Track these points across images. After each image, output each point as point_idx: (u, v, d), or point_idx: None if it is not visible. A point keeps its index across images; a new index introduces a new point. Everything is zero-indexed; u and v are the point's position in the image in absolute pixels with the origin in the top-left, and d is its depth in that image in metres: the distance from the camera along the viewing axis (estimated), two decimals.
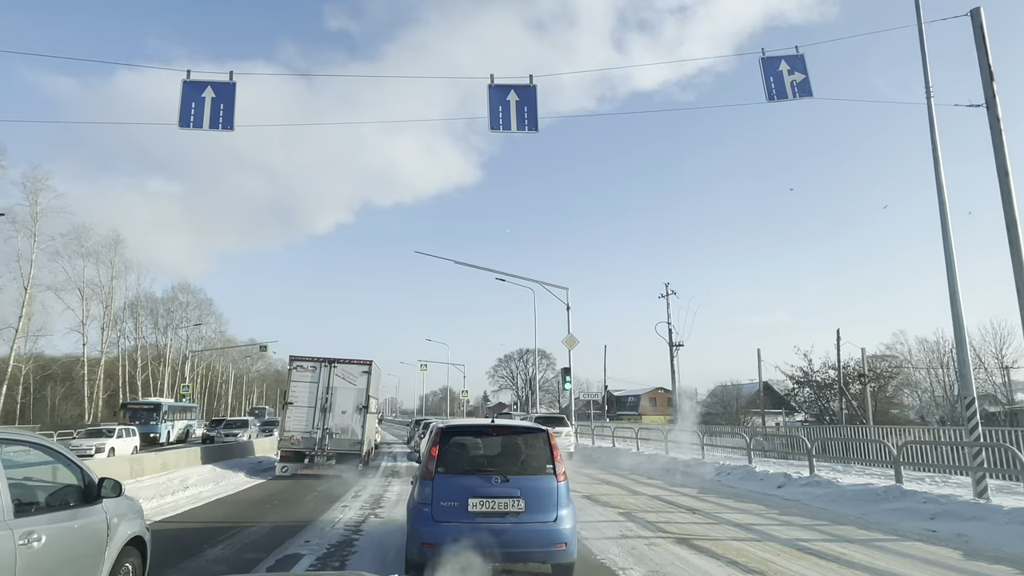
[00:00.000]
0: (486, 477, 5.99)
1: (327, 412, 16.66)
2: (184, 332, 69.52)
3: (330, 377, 16.79)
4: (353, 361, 17.17)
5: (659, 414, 68.42)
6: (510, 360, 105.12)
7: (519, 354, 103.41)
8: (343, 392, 16.81)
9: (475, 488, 5.90)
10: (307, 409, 16.59)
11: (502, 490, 5.92)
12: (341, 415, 16.72)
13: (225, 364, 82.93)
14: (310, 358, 17.07)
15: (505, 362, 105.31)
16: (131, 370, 59.18)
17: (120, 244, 54.31)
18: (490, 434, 6.49)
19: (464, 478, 5.97)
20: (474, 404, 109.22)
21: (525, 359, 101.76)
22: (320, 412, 16.63)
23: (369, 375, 17.14)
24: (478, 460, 6.22)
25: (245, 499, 12.73)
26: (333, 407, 16.71)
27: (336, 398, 16.76)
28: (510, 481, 5.96)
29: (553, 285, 29.83)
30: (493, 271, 32.56)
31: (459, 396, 67.68)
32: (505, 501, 5.88)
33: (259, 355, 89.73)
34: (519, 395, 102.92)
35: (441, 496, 5.89)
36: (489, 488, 5.92)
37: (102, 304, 52.73)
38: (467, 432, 6.64)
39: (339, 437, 16.60)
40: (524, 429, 6.60)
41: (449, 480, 5.96)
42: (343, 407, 16.76)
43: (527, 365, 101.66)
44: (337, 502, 11.92)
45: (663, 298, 44.29)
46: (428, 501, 5.89)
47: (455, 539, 5.61)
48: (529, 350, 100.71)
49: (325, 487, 14.37)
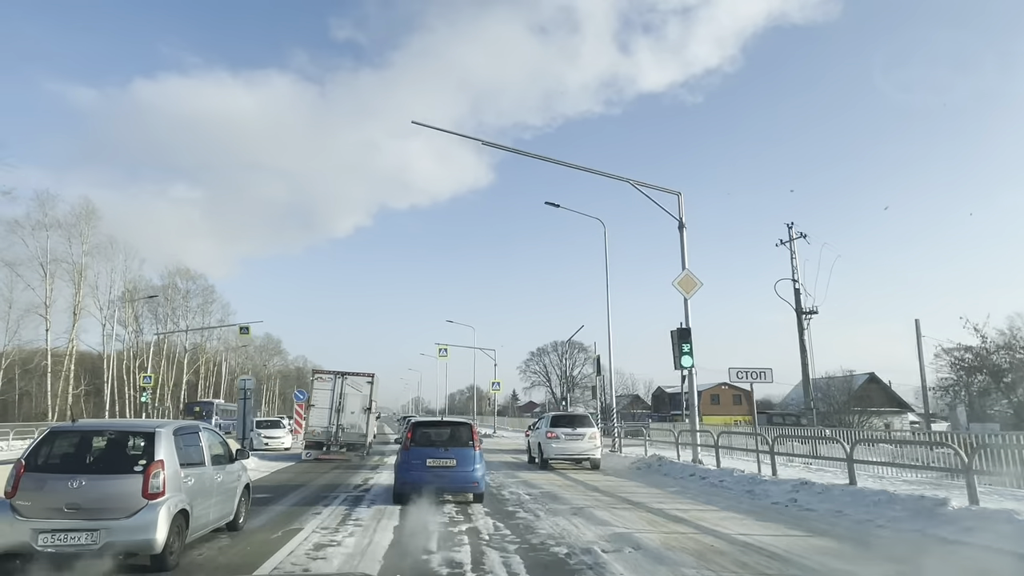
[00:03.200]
0: (436, 448, 11.24)
1: (340, 412, 21.35)
2: (185, 323, 65.27)
3: (342, 386, 21.50)
4: (360, 374, 22.07)
5: (722, 414, 60.82)
6: (543, 354, 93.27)
7: (553, 346, 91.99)
8: (352, 397, 21.53)
9: (430, 453, 11.10)
10: (325, 410, 21.27)
11: (445, 454, 11.13)
12: (351, 415, 21.43)
13: (240, 360, 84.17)
14: (327, 371, 22.31)
15: (538, 356, 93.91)
16: (125, 363, 55.93)
17: (94, 216, 49.57)
18: (439, 425, 12.20)
19: (424, 448, 11.19)
20: (502, 403, 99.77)
21: (560, 351, 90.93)
22: (335, 412, 21.32)
23: (372, 384, 21.99)
24: (432, 438, 11.49)
25: (291, 472, 17.91)
26: (344, 408, 21.38)
27: (347, 402, 21.43)
28: (449, 450, 11.18)
29: (658, 188, 19.42)
30: (549, 160, 21.27)
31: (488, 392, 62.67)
32: (446, 460, 11.04)
33: (276, 351, 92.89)
34: (553, 393, 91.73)
35: (412, 457, 11.08)
36: (438, 453, 11.13)
37: (73, 284, 47.18)
38: (427, 425, 12.20)
39: (349, 431, 21.32)
40: (458, 422, 12.48)
41: (416, 449, 11.17)
42: (352, 408, 21.45)
43: (562, 358, 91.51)
44: (353, 473, 17.44)
45: (784, 245, 32.07)
46: (406, 460, 11.13)
47: (419, 480, 10.84)
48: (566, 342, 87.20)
49: (341, 466, 19.44)
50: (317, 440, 21.15)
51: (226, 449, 8.28)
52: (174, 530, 6.24)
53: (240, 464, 8.67)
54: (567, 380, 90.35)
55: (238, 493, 8.29)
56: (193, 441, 7.24)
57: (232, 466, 8.24)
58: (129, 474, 6.15)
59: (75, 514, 5.83)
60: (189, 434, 7.22)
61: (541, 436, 19.72)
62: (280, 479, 15.94)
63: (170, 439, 6.57)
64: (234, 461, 8.36)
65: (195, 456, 7.15)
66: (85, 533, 5.79)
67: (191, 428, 7.44)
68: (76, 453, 6.38)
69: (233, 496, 8.12)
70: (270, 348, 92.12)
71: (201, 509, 6.96)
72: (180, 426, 7.13)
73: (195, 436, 7.34)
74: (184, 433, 7.06)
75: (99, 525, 5.82)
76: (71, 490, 5.89)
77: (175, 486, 6.40)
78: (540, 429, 20.44)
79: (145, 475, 6.13)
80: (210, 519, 7.33)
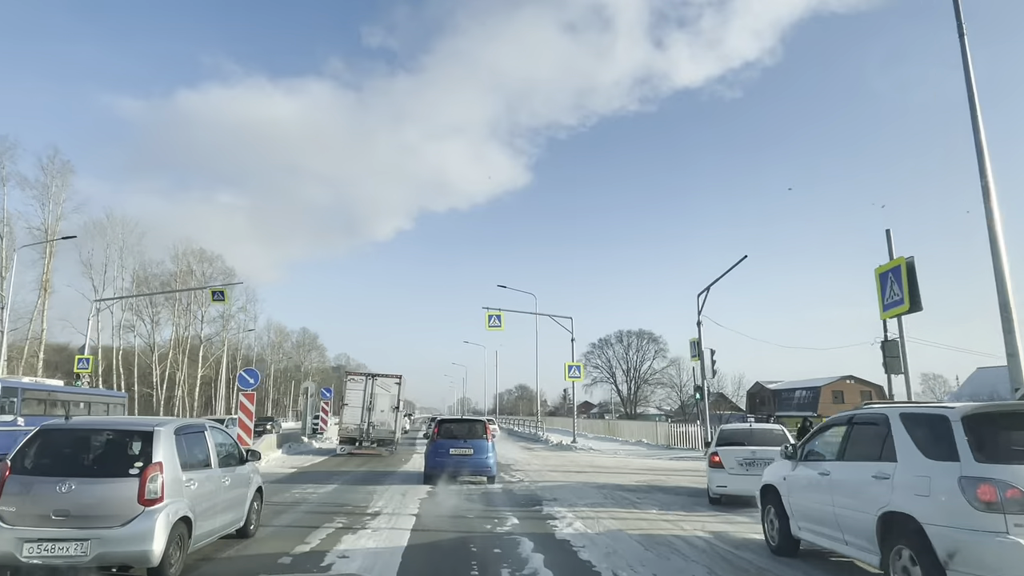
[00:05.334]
0: (457, 440, 14.07)
1: (371, 411, 22.54)
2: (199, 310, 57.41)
3: (372, 386, 22.88)
4: (388, 375, 23.61)
5: None
6: (606, 345, 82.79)
7: (618, 336, 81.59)
8: (381, 397, 22.84)
9: (452, 444, 13.99)
10: (357, 408, 22.56)
11: (464, 445, 13.96)
12: (380, 413, 22.68)
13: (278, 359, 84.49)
14: (359, 373, 24.75)
15: (599, 348, 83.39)
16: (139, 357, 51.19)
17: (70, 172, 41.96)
18: (460, 422, 15.18)
19: (448, 440, 14.10)
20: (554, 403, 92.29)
21: (627, 342, 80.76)
22: (366, 410, 22.52)
23: (399, 385, 23.30)
24: (454, 432, 14.36)
25: (332, 463, 19.50)
26: (374, 407, 22.61)
27: (377, 401, 22.72)
28: (467, 442, 14.02)
29: None
30: None
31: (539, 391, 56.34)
32: (465, 450, 13.90)
33: (312, 346, 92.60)
34: (619, 390, 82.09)
35: (437, 447, 14.03)
36: (458, 444, 13.99)
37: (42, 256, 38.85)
38: (449, 422, 15.20)
39: (379, 428, 22.55)
40: (474, 420, 15.72)
41: (441, 441, 14.11)
42: (381, 407, 22.74)
43: (628, 350, 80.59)
44: (383, 462, 19.98)
45: None
46: (433, 449, 14.06)
47: (443, 466, 13.71)
48: (633, 332, 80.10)
49: (373, 459, 21.10)
50: (350, 436, 22.41)
51: (237, 449, 7.72)
52: (174, 540, 5.68)
53: (252, 466, 8.11)
54: (635, 376, 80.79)
55: (249, 497, 7.71)
56: (198, 441, 6.69)
57: (243, 468, 7.67)
58: (124, 478, 5.60)
59: (64, 522, 5.30)
60: (194, 433, 6.66)
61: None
62: (329, 467, 18.20)
63: (171, 439, 6.01)
64: (245, 462, 7.80)
65: (200, 457, 6.60)
66: (74, 543, 5.26)
67: (196, 427, 6.87)
68: (67, 454, 5.85)
69: (243, 500, 7.55)
70: (307, 343, 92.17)
71: (206, 515, 6.40)
72: (183, 425, 6.56)
73: (200, 436, 6.78)
74: (188, 432, 6.50)
75: (90, 534, 5.29)
76: (60, 495, 5.37)
77: (175, 491, 5.84)
78: None
79: (142, 479, 5.58)
80: (216, 526, 6.77)
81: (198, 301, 56.55)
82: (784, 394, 62.13)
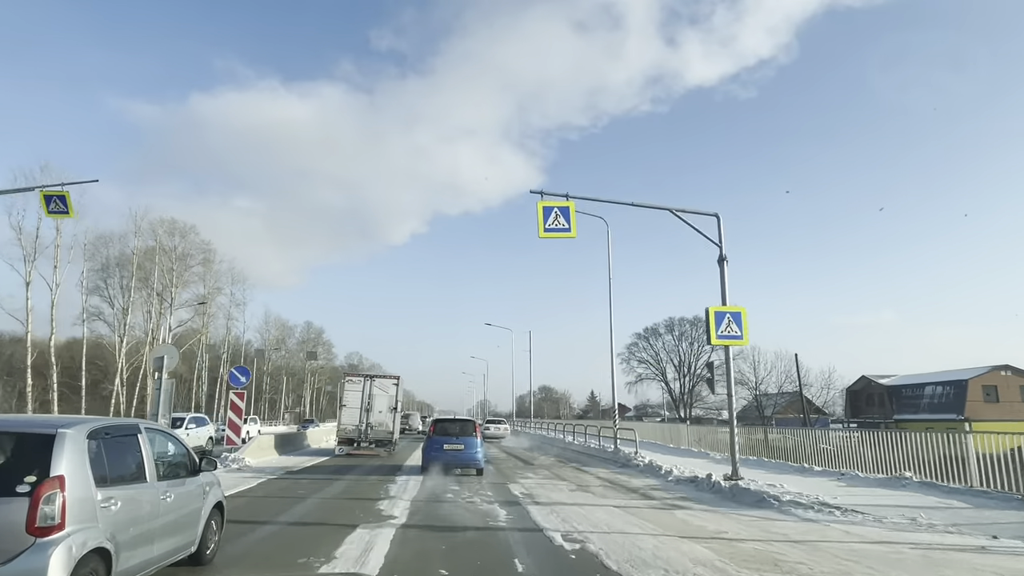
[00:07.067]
0: (450, 436, 16.11)
1: (369, 411, 22.36)
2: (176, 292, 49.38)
3: (371, 387, 22.74)
4: (386, 376, 23.72)
5: (1006, 417, 33.72)
6: (654, 335, 70.03)
7: (668, 325, 68.55)
8: (379, 398, 22.73)
9: (446, 440, 16.01)
10: (356, 409, 22.39)
11: (456, 441, 15.96)
12: (378, 413, 22.48)
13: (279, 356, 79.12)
14: (357, 374, 25.25)
15: (645, 339, 70.62)
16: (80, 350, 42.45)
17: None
18: (452, 422, 17.56)
19: (442, 437, 16.16)
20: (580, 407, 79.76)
21: (679, 331, 67.48)
22: (364, 411, 22.37)
23: (397, 386, 23.26)
24: (448, 429, 16.52)
25: (333, 463, 19.48)
26: (373, 408, 22.45)
27: (375, 402, 22.59)
28: (459, 438, 16.02)
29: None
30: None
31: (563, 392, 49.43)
32: (457, 445, 15.89)
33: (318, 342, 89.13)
34: (670, 389, 68.54)
35: (433, 443, 16.14)
36: (451, 440, 16.01)
37: None
38: (444, 421, 17.59)
39: (377, 429, 22.41)
40: (465, 419, 18.79)
41: (436, 438, 16.21)
42: (379, 408, 22.58)
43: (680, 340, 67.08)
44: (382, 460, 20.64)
45: None
46: (429, 445, 16.21)
47: (438, 459, 15.73)
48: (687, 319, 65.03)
49: (372, 459, 20.92)
50: (349, 437, 22.30)
51: (186, 458, 6.20)
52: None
53: (210, 476, 6.59)
54: (690, 373, 66.96)
55: (204, 515, 6.20)
56: (126, 448, 5.16)
57: (195, 479, 6.16)
58: (8, 497, 4.11)
59: None
60: (120, 437, 5.14)
61: None
62: (332, 466, 18.42)
63: (79, 445, 4.48)
64: (198, 473, 6.28)
65: (129, 469, 5.09)
66: None
67: (124, 429, 5.32)
68: None
69: (195, 520, 6.03)
70: (311, 339, 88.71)
71: (136, 543, 4.87)
72: (103, 426, 4.97)
73: (130, 440, 5.24)
74: (109, 436, 4.95)
75: None
76: None
77: (84, 515, 4.32)
78: None
79: (33, 499, 4.06)
80: (154, 555, 5.24)
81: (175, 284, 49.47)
82: (906, 391, 46.76)
